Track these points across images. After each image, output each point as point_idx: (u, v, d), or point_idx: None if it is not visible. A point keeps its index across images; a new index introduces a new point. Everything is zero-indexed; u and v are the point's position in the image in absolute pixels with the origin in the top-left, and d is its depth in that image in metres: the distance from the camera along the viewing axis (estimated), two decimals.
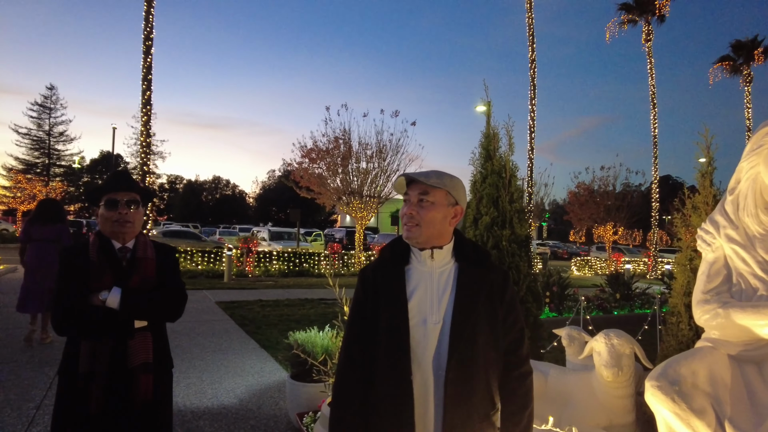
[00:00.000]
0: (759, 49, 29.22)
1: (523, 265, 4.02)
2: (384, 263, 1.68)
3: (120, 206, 2.11)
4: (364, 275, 1.70)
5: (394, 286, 1.60)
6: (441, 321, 1.57)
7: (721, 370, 2.03)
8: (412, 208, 1.63)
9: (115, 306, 1.99)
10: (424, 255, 1.64)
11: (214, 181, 71.07)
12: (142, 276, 2.10)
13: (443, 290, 1.61)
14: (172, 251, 2.31)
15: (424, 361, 1.55)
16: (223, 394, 4.92)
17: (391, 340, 1.55)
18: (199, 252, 16.57)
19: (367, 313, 1.63)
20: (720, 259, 2.21)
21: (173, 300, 2.17)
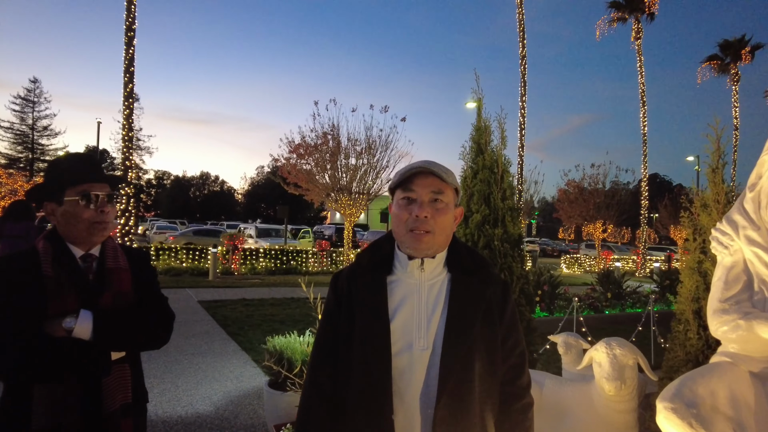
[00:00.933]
0: (746, 48, 29.35)
1: (516, 266, 3.79)
2: (361, 271, 1.38)
3: (101, 202, 1.63)
4: (337, 283, 1.42)
5: (374, 301, 1.31)
6: (430, 347, 1.28)
7: (743, 390, 1.80)
8: (425, 209, 1.28)
9: (86, 336, 1.49)
10: (413, 265, 1.33)
11: (202, 177, 70.29)
12: (115, 292, 1.62)
13: (433, 308, 1.32)
14: (147, 257, 1.85)
15: (409, 395, 1.25)
16: (199, 402, 4.65)
17: (368, 368, 1.25)
18: (183, 249, 16.19)
19: (340, 329, 1.34)
20: (739, 264, 1.98)
21: (159, 320, 1.71)
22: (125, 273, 1.69)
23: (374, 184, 18.33)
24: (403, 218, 1.32)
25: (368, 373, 1.26)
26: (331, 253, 18.41)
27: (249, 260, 16.61)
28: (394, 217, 1.36)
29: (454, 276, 1.36)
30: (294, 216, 45.31)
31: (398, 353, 1.26)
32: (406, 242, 1.32)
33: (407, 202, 1.31)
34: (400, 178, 1.33)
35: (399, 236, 1.34)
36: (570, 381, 2.98)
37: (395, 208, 1.35)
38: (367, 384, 1.26)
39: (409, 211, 1.30)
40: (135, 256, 1.80)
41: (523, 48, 21.10)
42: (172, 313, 1.77)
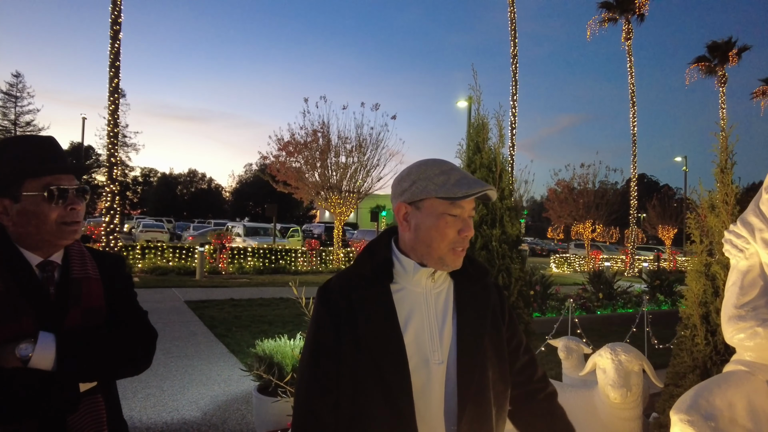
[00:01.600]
0: (733, 50, 29.67)
1: (514, 268, 3.68)
2: (362, 281, 1.21)
3: (70, 198, 1.34)
4: (330, 298, 1.21)
5: (383, 314, 1.17)
6: (445, 360, 1.18)
7: (762, 401, 1.71)
8: (471, 230, 1.20)
9: (46, 366, 1.20)
10: (423, 273, 1.21)
11: (189, 174, 69.58)
12: (83, 308, 1.33)
13: (443, 318, 1.22)
14: (121, 262, 1.55)
15: (430, 414, 1.15)
16: (185, 407, 4.49)
17: (386, 391, 1.12)
18: (170, 248, 15.93)
19: (342, 353, 1.16)
20: (755, 268, 1.89)
21: (138, 341, 1.40)
22: (95, 284, 1.39)
23: (365, 183, 18.23)
24: (449, 236, 1.18)
25: (388, 396, 1.12)
26: (321, 252, 18.24)
27: (237, 259, 16.39)
28: (432, 230, 1.19)
29: (457, 284, 1.28)
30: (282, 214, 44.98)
31: (415, 369, 1.15)
32: (446, 260, 1.20)
33: (454, 219, 1.19)
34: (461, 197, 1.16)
35: (437, 252, 1.20)
36: (571, 387, 2.88)
37: (435, 220, 1.18)
38: (387, 408, 1.12)
39: (457, 229, 1.19)
40: (107, 262, 1.49)
41: (515, 47, 21.10)
42: (154, 332, 1.47)
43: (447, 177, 1.18)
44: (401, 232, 1.25)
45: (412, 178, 1.21)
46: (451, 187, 1.17)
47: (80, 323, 1.31)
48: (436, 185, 1.18)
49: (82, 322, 1.32)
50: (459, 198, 1.16)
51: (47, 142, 1.41)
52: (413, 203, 1.21)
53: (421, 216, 1.20)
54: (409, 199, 1.21)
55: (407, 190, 1.21)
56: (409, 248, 1.23)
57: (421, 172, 1.21)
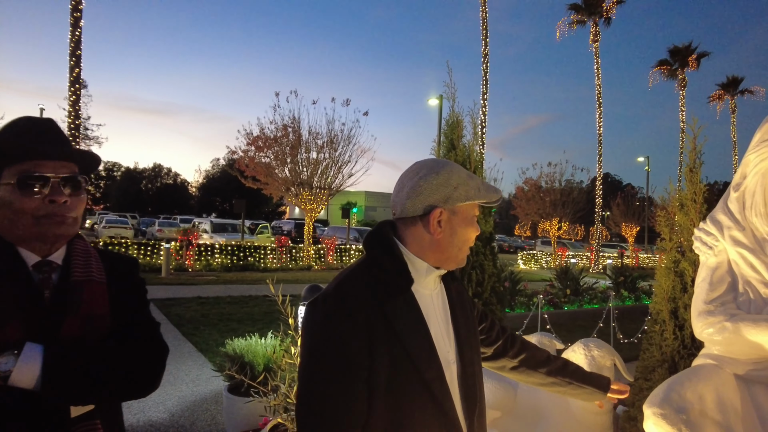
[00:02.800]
0: (693, 55, 30.82)
1: (488, 265, 3.71)
2: (393, 288, 1.12)
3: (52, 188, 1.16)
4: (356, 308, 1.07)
5: (415, 320, 1.12)
6: (456, 358, 1.21)
7: (730, 394, 1.76)
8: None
9: (28, 384, 1.03)
10: (435, 275, 1.21)
11: (154, 169, 67.66)
12: (84, 315, 1.16)
13: (446, 317, 1.24)
14: (134, 265, 1.37)
15: (454, 413, 1.15)
16: (152, 408, 4.36)
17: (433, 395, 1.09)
18: (134, 244, 15.47)
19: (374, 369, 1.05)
20: (723, 264, 1.94)
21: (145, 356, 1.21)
22: (99, 288, 1.21)
23: (336, 179, 18.11)
24: (472, 238, 1.24)
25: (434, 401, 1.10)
26: (291, 249, 18.03)
27: (204, 256, 16.04)
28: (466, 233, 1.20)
29: (445, 281, 1.30)
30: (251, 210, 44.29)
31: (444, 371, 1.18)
32: (464, 259, 1.24)
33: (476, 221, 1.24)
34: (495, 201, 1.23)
35: (463, 253, 1.22)
36: None
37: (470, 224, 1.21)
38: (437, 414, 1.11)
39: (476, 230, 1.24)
40: (117, 264, 1.31)
41: (486, 46, 21.32)
42: (166, 347, 1.28)
43: (476, 182, 1.21)
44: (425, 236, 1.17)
45: (453, 183, 1.17)
46: (485, 192, 1.21)
47: (79, 333, 1.13)
48: (474, 190, 1.19)
49: (81, 333, 1.14)
50: (495, 202, 1.23)
51: (35, 123, 1.22)
52: (450, 209, 1.17)
53: (457, 220, 1.19)
54: (450, 205, 1.17)
55: (450, 195, 1.16)
56: (428, 250, 1.18)
57: (458, 177, 1.18)
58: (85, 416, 1.14)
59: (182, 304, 9.33)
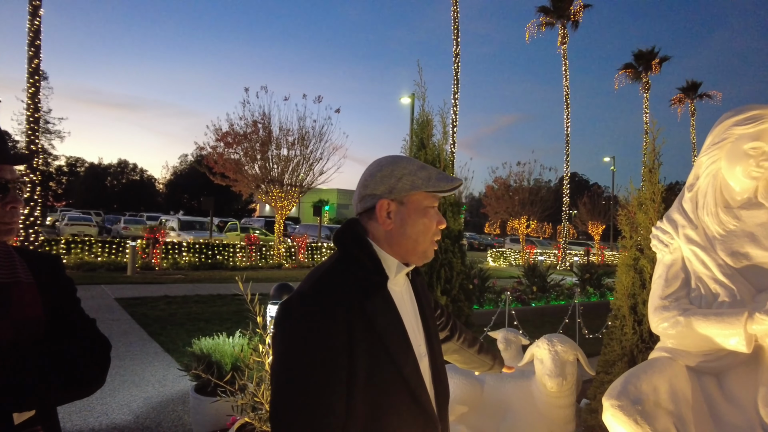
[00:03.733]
0: (656, 60, 31.81)
1: (456, 262, 3.76)
2: (372, 285, 1.13)
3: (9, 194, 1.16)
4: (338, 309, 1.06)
5: (392, 316, 1.14)
6: (426, 351, 1.25)
7: (682, 385, 1.84)
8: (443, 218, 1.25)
9: None
10: (404, 272, 1.22)
11: (120, 165, 65.77)
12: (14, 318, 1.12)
13: (416, 311, 1.27)
14: (58, 263, 1.33)
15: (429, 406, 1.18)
16: (116, 410, 4.25)
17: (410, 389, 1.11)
18: (98, 242, 15.02)
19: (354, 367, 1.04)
20: (678, 262, 2.03)
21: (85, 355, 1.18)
22: (29, 290, 1.17)
23: (307, 176, 17.98)
24: (432, 228, 1.20)
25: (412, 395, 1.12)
26: (261, 247, 17.81)
27: (171, 254, 15.69)
28: (417, 224, 1.18)
29: (412, 278, 1.32)
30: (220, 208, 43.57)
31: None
32: (428, 253, 1.22)
33: (434, 211, 1.21)
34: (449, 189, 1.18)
35: (422, 245, 1.20)
36: (510, 378, 2.98)
37: (422, 215, 1.19)
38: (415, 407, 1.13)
39: (436, 221, 1.21)
40: (41, 264, 1.26)
41: (457, 46, 21.51)
42: (107, 342, 1.26)
43: (428, 172, 1.20)
44: (380, 230, 1.18)
45: (397, 174, 1.18)
46: (436, 181, 1.18)
47: (11, 337, 1.10)
48: (422, 180, 1.18)
49: (14, 337, 1.10)
50: (446, 191, 1.19)
51: None
52: (397, 199, 1.18)
53: (407, 211, 1.18)
54: (395, 196, 1.18)
55: (394, 186, 1.17)
56: (387, 245, 1.19)
57: (403, 168, 1.19)
58: (26, 423, 1.11)
59: (148, 303, 9.12)
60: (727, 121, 1.93)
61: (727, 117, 1.95)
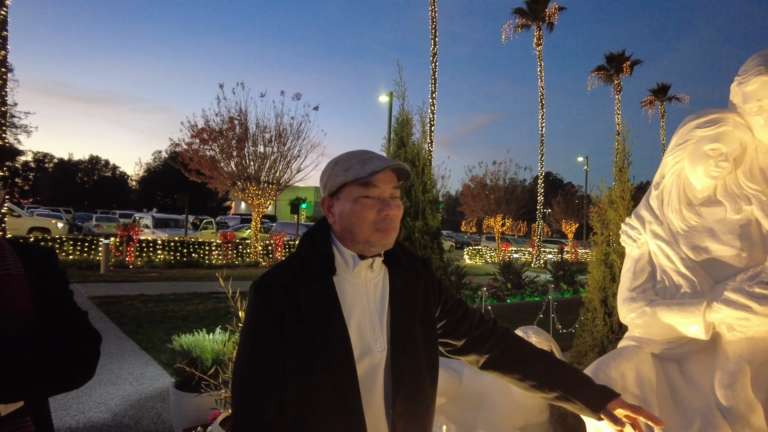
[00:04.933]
0: (627, 62, 32.61)
1: (435, 258, 3.86)
2: (308, 277, 1.20)
3: None
4: (273, 296, 1.18)
5: (328, 308, 1.18)
6: (386, 347, 1.24)
7: (647, 370, 1.96)
8: (393, 207, 1.22)
9: None
10: (363, 265, 1.24)
11: (91, 161, 64.10)
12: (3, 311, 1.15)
13: (381, 307, 1.27)
14: (51, 257, 1.33)
15: (373, 400, 1.21)
16: (93, 408, 4.22)
17: (334, 383, 1.15)
18: (69, 240, 14.68)
19: (287, 350, 1.15)
20: (645, 256, 2.15)
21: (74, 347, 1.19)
22: (19, 282, 1.18)
23: (284, 174, 17.89)
24: (368, 217, 1.21)
25: (335, 388, 1.16)
26: (237, 245, 17.66)
27: (146, 252, 15.45)
28: (351, 215, 1.22)
29: (391, 272, 1.33)
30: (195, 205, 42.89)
31: (359, 359, 1.20)
32: (372, 241, 1.23)
33: (370, 200, 1.22)
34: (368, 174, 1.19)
35: (361, 236, 1.23)
36: None
37: (353, 205, 1.21)
38: (335, 399, 1.16)
39: (376, 209, 1.21)
40: (34, 257, 1.27)
41: (435, 45, 21.65)
42: (97, 335, 1.28)
43: (363, 163, 1.21)
44: (331, 225, 1.28)
45: (329, 171, 1.25)
46: (360, 169, 1.20)
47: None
48: (344, 171, 1.22)
49: (3, 329, 1.12)
50: (366, 176, 1.18)
51: None
52: (333, 195, 1.25)
53: (340, 204, 1.23)
54: (329, 192, 1.25)
55: (327, 183, 1.25)
56: (340, 239, 1.26)
57: (340, 164, 1.24)
58: (14, 414, 1.13)
59: (123, 302, 8.99)
60: (689, 123, 2.06)
61: (689, 120, 2.07)
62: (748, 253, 1.90)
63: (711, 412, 1.74)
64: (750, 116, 1.92)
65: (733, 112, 1.98)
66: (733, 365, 1.75)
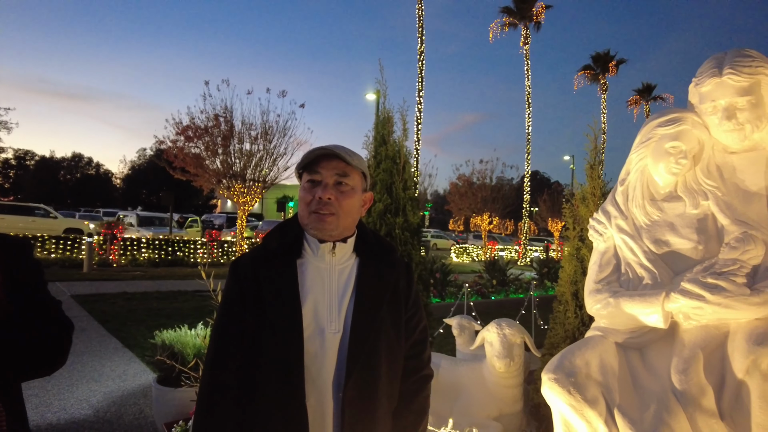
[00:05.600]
0: (613, 62, 33.01)
1: (415, 254, 3.92)
2: (269, 255, 1.33)
3: None
4: (240, 270, 1.33)
5: (284, 285, 1.28)
6: (341, 330, 1.30)
7: (610, 359, 2.05)
8: (329, 191, 1.30)
9: None
10: (324, 249, 1.34)
11: (74, 158, 63.23)
12: None
13: (343, 291, 1.34)
14: (25, 246, 1.37)
15: (321, 379, 1.27)
16: (74, 405, 4.22)
17: (280, 355, 1.24)
18: (52, 238, 14.51)
19: (246, 319, 1.28)
20: (610, 249, 2.23)
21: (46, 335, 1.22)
22: None
23: (270, 172, 17.84)
24: (306, 200, 1.33)
25: (280, 360, 1.24)
26: (222, 243, 17.59)
27: (130, 251, 15.33)
28: (300, 200, 1.36)
29: (362, 261, 1.39)
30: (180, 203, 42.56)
31: (310, 337, 1.27)
32: (309, 224, 1.33)
33: (312, 185, 1.32)
34: (305, 160, 1.34)
35: (303, 219, 1.35)
36: (464, 361, 3.17)
37: (300, 191, 1.36)
38: (279, 371, 1.24)
39: (313, 193, 1.31)
40: (8, 247, 1.30)
41: (422, 44, 21.73)
42: (69, 323, 1.32)
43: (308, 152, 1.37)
44: None
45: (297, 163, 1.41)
46: (305, 158, 1.35)
47: None
48: (300, 161, 1.37)
49: None
50: (303, 164, 1.34)
51: None
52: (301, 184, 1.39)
53: (299, 192, 1.39)
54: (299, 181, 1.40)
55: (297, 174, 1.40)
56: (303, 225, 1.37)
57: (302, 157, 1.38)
58: None
59: (107, 300, 8.94)
60: (652, 122, 2.15)
61: (652, 119, 2.16)
62: (704, 246, 1.99)
63: (666, 396, 1.82)
64: (706, 116, 2.01)
65: (692, 111, 2.08)
66: (688, 352, 1.84)
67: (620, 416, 1.90)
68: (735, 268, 1.81)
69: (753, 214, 1.94)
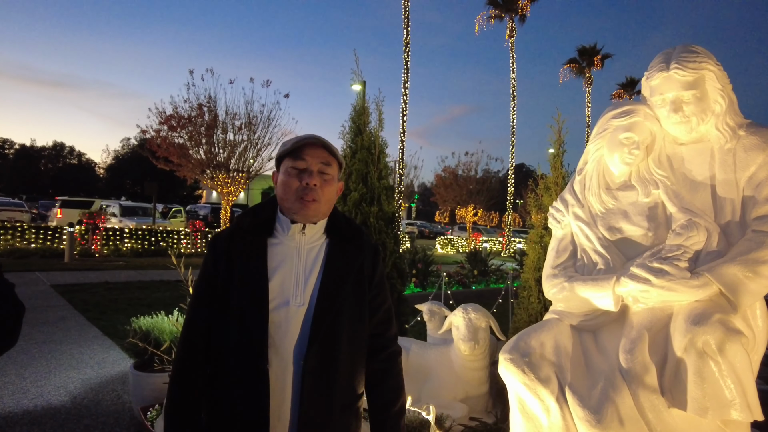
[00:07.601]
0: (598, 56, 33.26)
1: (389, 242, 4.00)
2: (242, 233, 1.44)
3: None
4: (216, 244, 1.45)
5: (254, 261, 1.39)
6: (306, 303, 1.40)
7: (564, 340, 2.14)
8: (315, 178, 1.40)
9: None
10: (295, 229, 1.44)
11: (55, 147, 62.11)
12: None
13: (311, 269, 1.44)
14: None
15: (284, 347, 1.36)
16: (52, 392, 4.24)
17: (245, 324, 1.35)
18: (32, 228, 14.33)
19: (218, 290, 1.40)
20: (567, 236, 2.33)
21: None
22: None
23: (255, 162, 17.77)
24: (293, 186, 1.41)
25: (245, 327, 1.34)
26: (207, 234, 17.51)
27: (113, 241, 15.21)
28: (281, 185, 1.43)
29: (332, 241, 1.49)
30: (164, 194, 42.16)
31: (275, 309, 1.36)
32: (294, 209, 1.41)
33: (297, 171, 1.41)
34: (291, 147, 1.42)
35: (287, 203, 1.42)
36: (433, 345, 3.26)
37: (283, 176, 1.44)
38: (243, 337, 1.34)
39: (300, 179, 1.40)
40: None
41: (407, 35, 21.69)
42: (20, 305, 1.34)
43: (294, 139, 1.46)
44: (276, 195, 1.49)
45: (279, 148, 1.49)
46: (291, 145, 1.44)
47: None
48: (283, 147, 1.46)
49: None
50: (289, 149, 1.42)
51: None
52: (278, 169, 1.47)
53: (279, 176, 1.46)
54: (276, 166, 1.49)
55: (276, 159, 1.49)
56: (280, 207, 1.47)
57: (283, 143, 1.47)
58: None
59: (88, 289, 8.90)
60: (608, 114, 2.24)
61: (608, 110, 2.25)
62: (654, 233, 2.09)
63: (613, 374, 1.93)
64: (656, 108, 2.10)
65: (645, 104, 2.17)
66: (635, 333, 1.94)
67: (571, 394, 2.00)
68: (679, 253, 1.92)
69: (698, 203, 2.05)
